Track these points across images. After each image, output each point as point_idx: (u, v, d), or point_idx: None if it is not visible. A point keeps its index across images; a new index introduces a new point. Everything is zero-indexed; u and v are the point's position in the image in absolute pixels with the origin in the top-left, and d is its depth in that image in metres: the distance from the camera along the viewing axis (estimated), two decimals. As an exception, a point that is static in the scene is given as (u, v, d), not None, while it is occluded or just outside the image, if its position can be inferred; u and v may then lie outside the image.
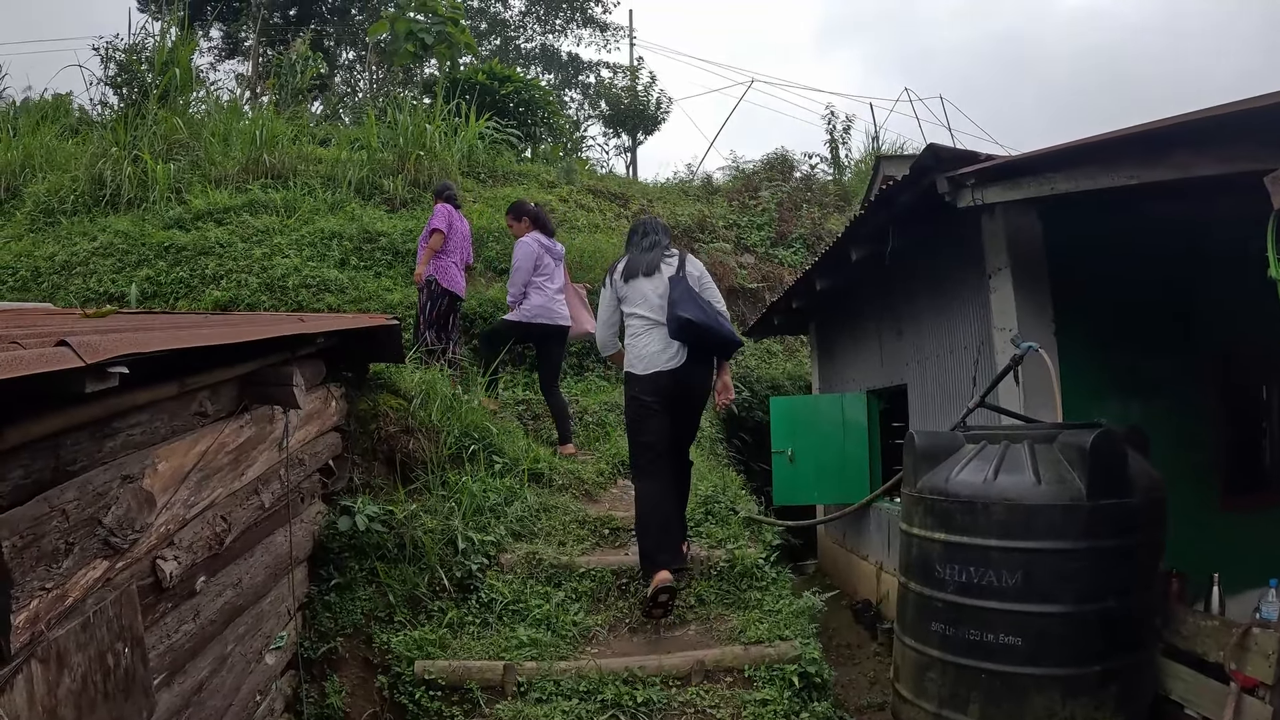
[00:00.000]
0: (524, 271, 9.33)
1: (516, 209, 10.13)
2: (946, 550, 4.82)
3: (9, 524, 2.62)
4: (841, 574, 10.88)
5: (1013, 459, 4.76)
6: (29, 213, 14.00)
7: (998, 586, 4.62)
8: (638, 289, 6.63)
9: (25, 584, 2.69)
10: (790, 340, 15.37)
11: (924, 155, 6.20)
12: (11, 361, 2.02)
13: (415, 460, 7.24)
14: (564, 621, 6.05)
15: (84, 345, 2.32)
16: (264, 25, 28.72)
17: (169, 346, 3.00)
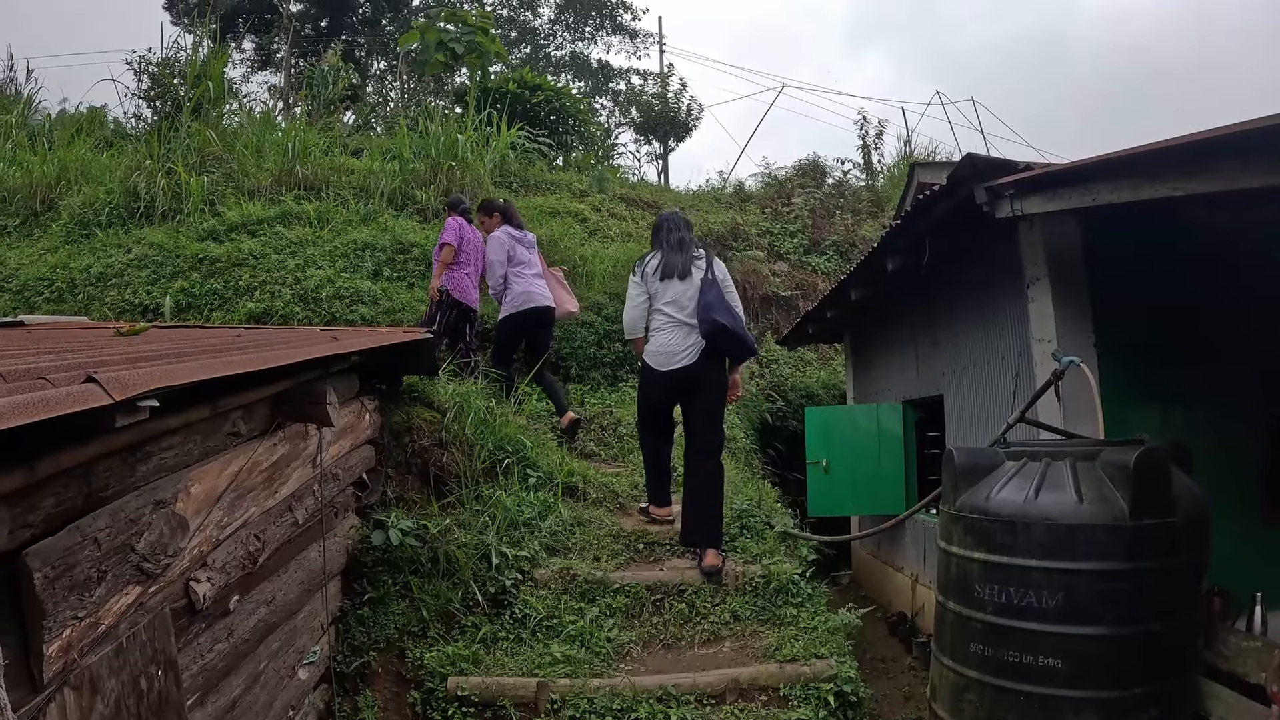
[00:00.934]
0: (499, 264, 9.66)
1: (486, 206, 10.48)
2: (986, 570, 4.74)
3: (41, 555, 2.60)
4: (875, 585, 10.81)
5: (1054, 477, 4.68)
6: (64, 225, 14.12)
7: (1038, 607, 4.53)
8: (670, 288, 7.01)
9: (58, 614, 2.67)
10: (824, 348, 15.28)
11: (961, 165, 6.14)
12: (40, 403, 2.00)
13: (449, 474, 7.23)
14: (598, 638, 6.00)
15: (112, 382, 2.30)
16: (295, 37, 28.91)
17: (198, 377, 2.97)
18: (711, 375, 7.02)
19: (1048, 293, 6.52)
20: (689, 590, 6.46)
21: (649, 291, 7.12)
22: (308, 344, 4.74)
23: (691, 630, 6.23)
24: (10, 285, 12.74)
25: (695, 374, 6.94)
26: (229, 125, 16.47)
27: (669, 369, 6.96)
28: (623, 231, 14.97)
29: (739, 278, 15.58)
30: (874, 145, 23.15)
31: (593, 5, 40.07)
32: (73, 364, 2.66)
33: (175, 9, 32.35)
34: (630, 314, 7.28)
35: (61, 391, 2.13)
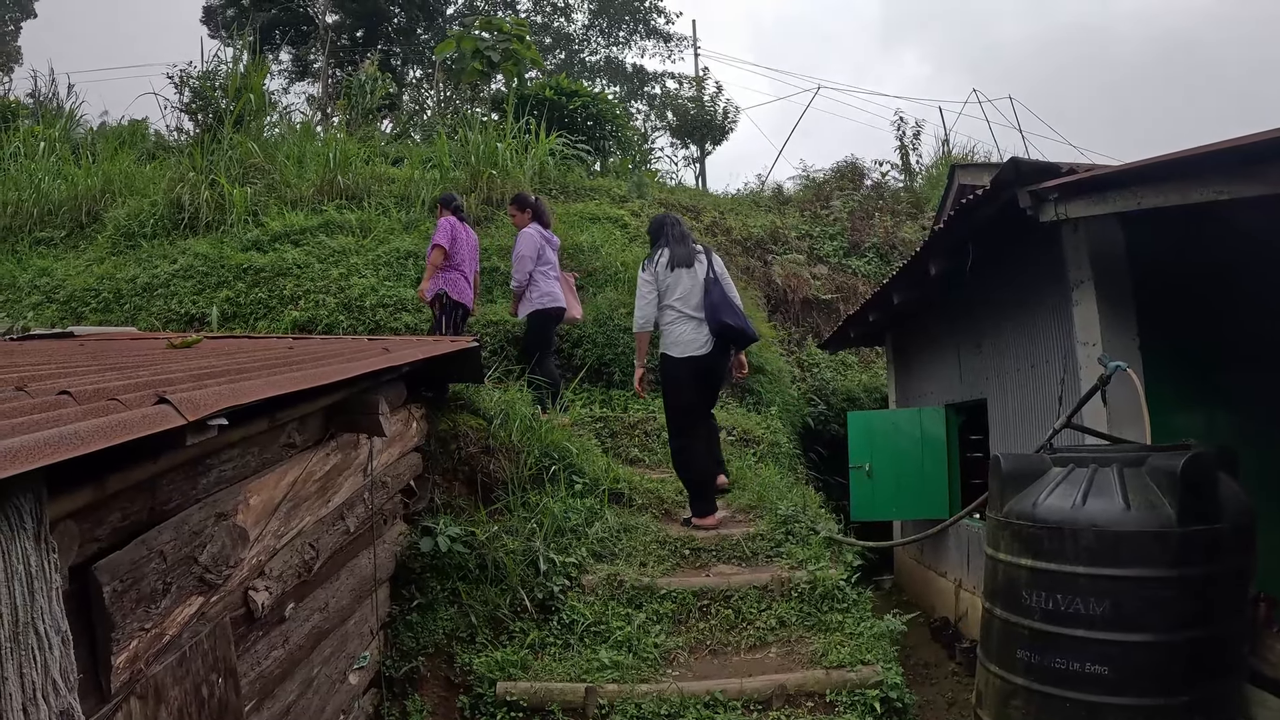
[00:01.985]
0: (529, 260, 9.80)
1: (520, 200, 10.54)
2: (1033, 577, 4.73)
3: (109, 569, 2.67)
4: (918, 590, 10.77)
5: (1101, 483, 4.67)
6: (110, 236, 14.32)
7: (1085, 614, 4.52)
8: (679, 281, 7.67)
9: (125, 626, 2.74)
10: (865, 351, 15.26)
11: (1005, 169, 6.13)
12: (117, 426, 2.06)
13: (496, 480, 7.28)
14: (645, 643, 6.02)
15: (184, 402, 2.36)
16: (332, 47, 29.15)
17: (264, 395, 3.04)
18: (722, 361, 7.86)
19: (1092, 296, 6.50)
20: (735, 596, 6.47)
21: (660, 287, 7.69)
22: (360, 356, 4.80)
23: (738, 636, 6.23)
24: (58, 296, 12.94)
25: (712, 362, 7.68)
26: (270, 136, 16.61)
27: (689, 355, 7.59)
28: (664, 237, 14.99)
29: (780, 281, 15.62)
30: (912, 146, 23.04)
31: (626, 10, 40.17)
32: (139, 382, 2.72)
33: (213, 22, 32.83)
34: (644, 309, 7.74)
35: (136, 414, 2.19)
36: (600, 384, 10.82)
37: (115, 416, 2.13)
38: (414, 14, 32.38)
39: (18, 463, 1.69)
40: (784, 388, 12.12)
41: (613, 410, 10.21)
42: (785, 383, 12.33)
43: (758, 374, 11.49)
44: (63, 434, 1.87)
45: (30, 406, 2.21)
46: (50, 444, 1.80)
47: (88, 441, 1.93)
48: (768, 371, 11.71)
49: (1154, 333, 6.40)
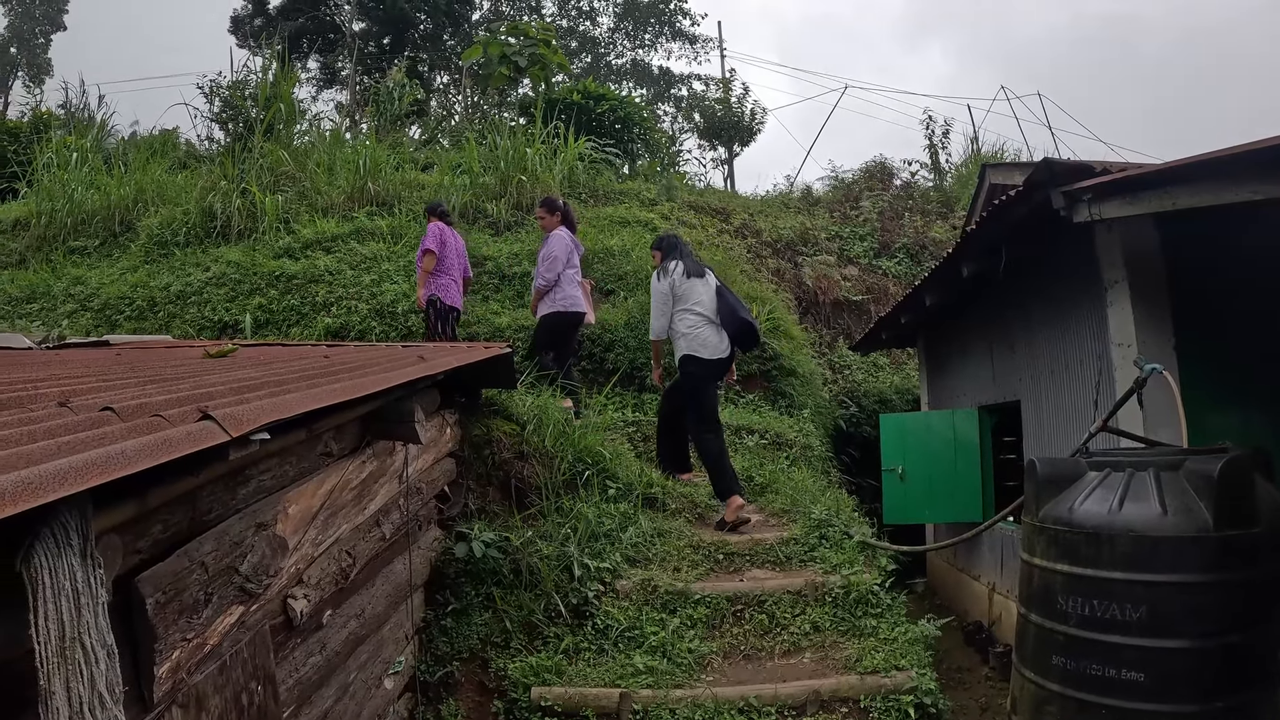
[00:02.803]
0: (559, 261, 9.82)
1: (549, 203, 10.51)
2: (1069, 582, 4.70)
3: (152, 581, 2.69)
4: (951, 593, 10.72)
5: (1138, 487, 4.64)
6: (143, 245, 14.48)
7: (1121, 620, 4.49)
8: (694, 289, 8.23)
9: (168, 637, 2.76)
10: (897, 352, 15.20)
11: (1038, 169, 6.11)
12: (162, 444, 2.08)
13: (529, 485, 7.30)
14: (679, 649, 6.02)
15: (228, 418, 2.38)
16: (359, 55, 29.32)
17: (306, 409, 3.06)
18: (732, 363, 8.60)
19: (1126, 296, 6.46)
20: (769, 601, 6.46)
21: (675, 294, 8.21)
22: (397, 365, 4.83)
23: (772, 641, 6.22)
24: (92, 304, 13.08)
25: (727, 364, 8.41)
26: (300, 144, 16.72)
27: (715, 358, 8.14)
28: (694, 240, 14.92)
29: (810, 283, 15.60)
30: (941, 144, 22.96)
31: (651, 12, 40.25)
32: (181, 397, 2.74)
33: (240, 32, 33.14)
34: (662, 318, 8.29)
35: (180, 431, 2.21)
36: (632, 388, 10.82)
37: (160, 434, 2.15)
38: (440, 20, 32.51)
39: (65, 484, 1.71)
40: (816, 390, 12.11)
41: (644, 414, 10.21)
42: (817, 385, 12.31)
43: (790, 376, 11.48)
44: (109, 454, 1.89)
45: (74, 424, 2.23)
46: (97, 464, 1.82)
47: (133, 461, 1.95)
48: (800, 374, 11.68)
49: (1189, 333, 6.36)
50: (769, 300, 12.41)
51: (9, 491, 1.61)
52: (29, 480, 1.66)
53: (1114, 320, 6.52)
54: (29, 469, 1.70)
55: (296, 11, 32.14)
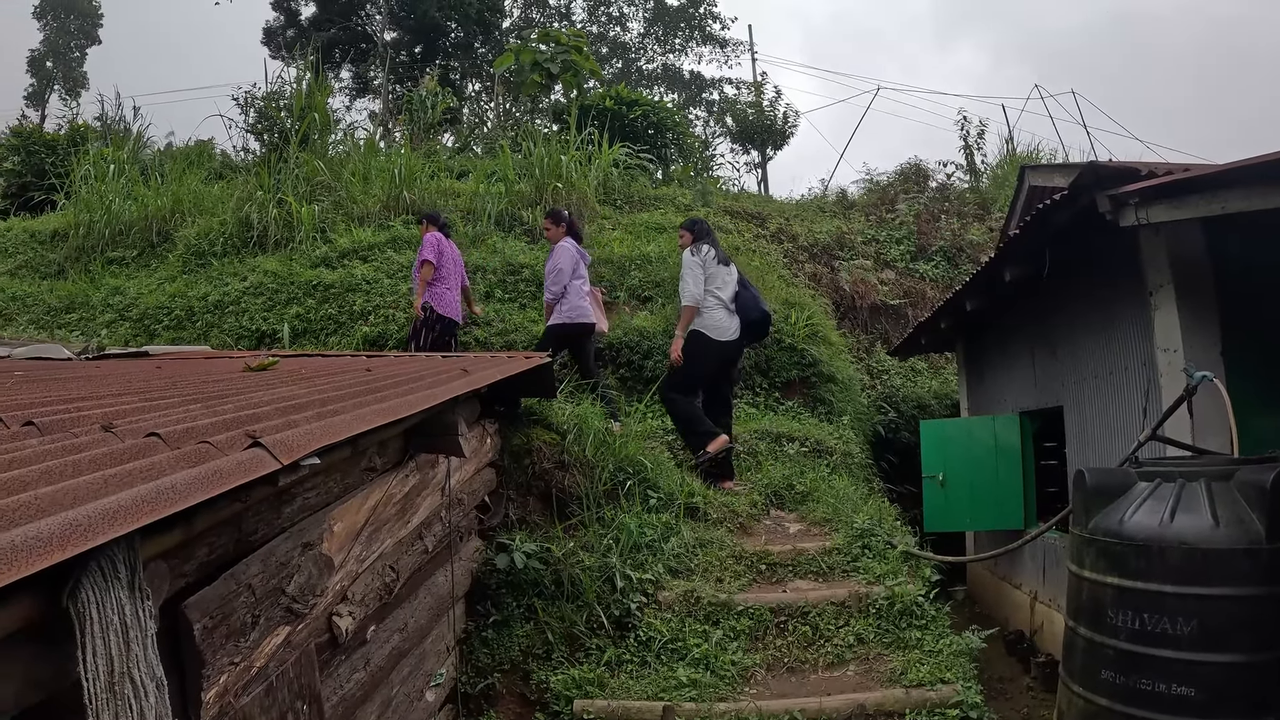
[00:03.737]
0: (565, 273, 9.87)
1: (554, 215, 10.63)
2: (1119, 595, 4.63)
3: (199, 606, 2.68)
4: (991, 601, 10.59)
5: (1189, 498, 4.56)
6: (180, 255, 14.57)
7: (1172, 634, 4.42)
8: (719, 274, 8.95)
9: (215, 662, 2.75)
10: (935, 356, 15.06)
11: (1084, 173, 6.04)
12: (213, 476, 2.06)
13: (570, 495, 7.28)
14: (723, 661, 5.98)
15: (278, 445, 2.36)
16: (391, 64, 29.49)
17: (355, 431, 3.05)
18: (742, 350, 9.38)
19: (1172, 301, 6.37)
20: (812, 612, 6.41)
21: (708, 273, 8.87)
22: (441, 379, 4.81)
23: (815, 653, 6.17)
24: (131, 314, 13.17)
25: (736, 348, 9.14)
26: (335, 154, 16.79)
27: (724, 340, 8.85)
28: (730, 245, 14.84)
29: (847, 288, 15.51)
30: (976, 145, 22.79)
31: (681, 17, 40.23)
32: (227, 419, 2.72)
33: (273, 43, 33.47)
34: (696, 286, 8.84)
35: (231, 460, 2.19)
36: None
37: (210, 465, 2.13)
38: (470, 28, 32.65)
39: (115, 524, 1.69)
40: (855, 396, 12.01)
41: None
42: (856, 391, 12.21)
43: (829, 382, 11.41)
44: (159, 488, 1.86)
45: (120, 452, 2.21)
46: (148, 501, 1.80)
47: (184, 495, 1.93)
48: (839, 380, 11.60)
49: (1237, 338, 6.26)
50: (807, 306, 12.30)
51: (56, 535, 1.59)
52: (76, 522, 1.64)
53: (1159, 325, 6.43)
54: (76, 509, 1.68)
55: (328, 22, 32.43)
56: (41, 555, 1.55)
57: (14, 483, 1.91)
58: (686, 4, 40.38)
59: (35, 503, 1.73)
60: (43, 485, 1.91)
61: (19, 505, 1.70)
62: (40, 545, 1.55)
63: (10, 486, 1.88)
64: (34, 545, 1.54)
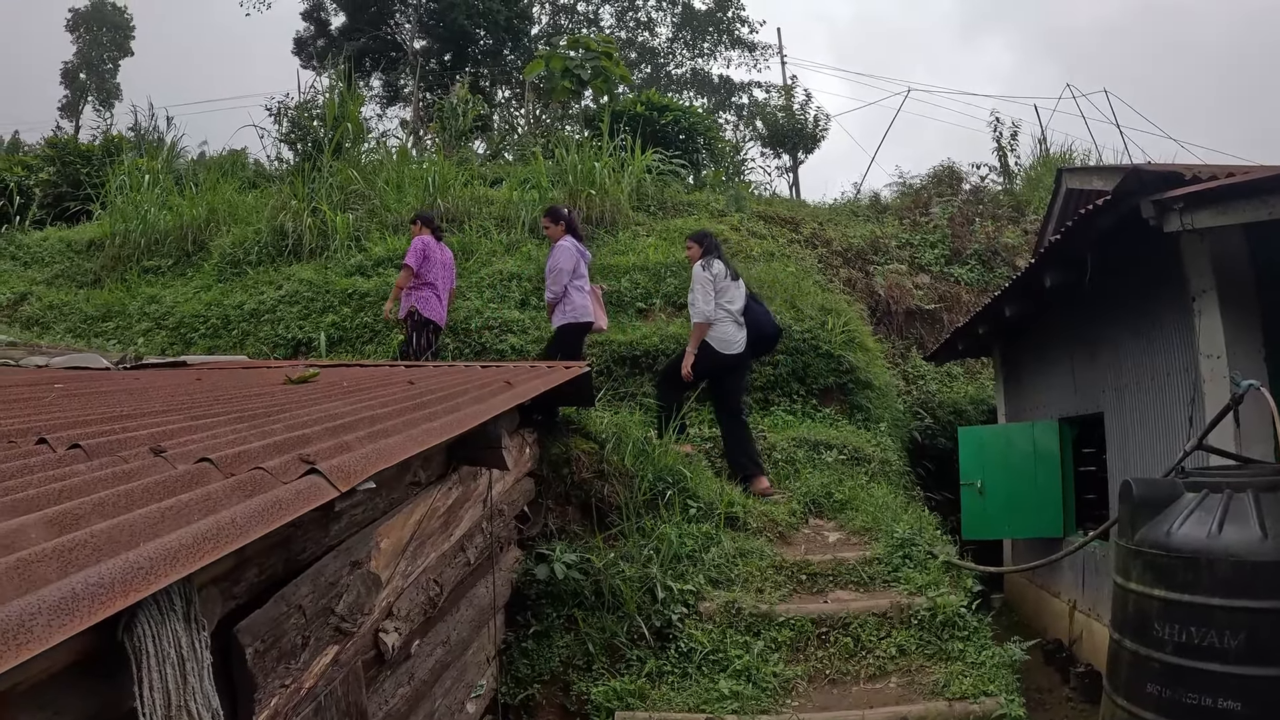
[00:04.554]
0: (566, 272, 9.93)
1: (554, 213, 10.67)
2: (1166, 608, 4.57)
3: (251, 630, 2.67)
4: (1029, 610, 10.50)
5: (1237, 510, 4.50)
6: (216, 264, 14.73)
7: (1219, 648, 4.36)
8: (729, 290, 9.06)
9: (267, 685, 2.75)
10: (970, 362, 14.96)
11: (1127, 179, 6.00)
12: (273, 507, 2.05)
13: (610, 505, 7.27)
14: (764, 673, 5.93)
15: (335, 471, 2.36)
16: (421, 72, 29.65)
17: (410, 453, 3.05)
18: (749, 362, 9.52)
19: (1215, 306, 6.32)
20: (854, 623, 6.36)
21: (719, 288, 8.94)
22: (486, 393, 4.81)
23: (857, 665, 6.13)
24: (167, 322, 13.31)
25: (743, 360, 9.23)
26: (368, 163, 16.87)
27: (729, 353, 8.97)
28: (765, 251, 14.81)
29: (882, 293, 15.44)
30: (1010, 147, 22.67)
31: (710, 21, 40.25)
32: (279, 442, 2.72)
33: (304, 53, 33.76)
34: (709, 303, 8.89)
35: (290, 490, 2.18)
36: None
37: (268, 495, 2.12)
38: (499, 36, 32.79)
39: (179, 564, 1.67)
40: (891, 402, 11.95)
41: (722, 429, 10.12)
42: (892, 397, 12.15)
43: (866, 389, 11.36)
44: (219, 524, 1.86)
45: (174, 480, 2.21)
46: (209, 538, 1.78)
47: (244, 530, 1.93)
48: (876, 387, 11.53)
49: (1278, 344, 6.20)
50: (844, 312, 12.23)
51: (118, 580, 1.58)
52: (137, 564, 1.63)
53: (1203, 330, 6.38)
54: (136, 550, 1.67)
55: (358, 32, 32.67)
56: (104, 603, 1.53)
57: (67, 517, 1.90)
58: (714, 8, 40.39)
59: (92, 541, 1.72)
60: (97, 520, 1.90)
61: (76, 545, 1.68)
62: (102, 592, 1.54)
63: (64, 522, 1.87)
64: (95, 592, 1.52)
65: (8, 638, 1.34)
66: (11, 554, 1.61)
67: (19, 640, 1.35)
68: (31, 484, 2.21)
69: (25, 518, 1.85)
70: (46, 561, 1.60)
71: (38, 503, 2.02)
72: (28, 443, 2.82)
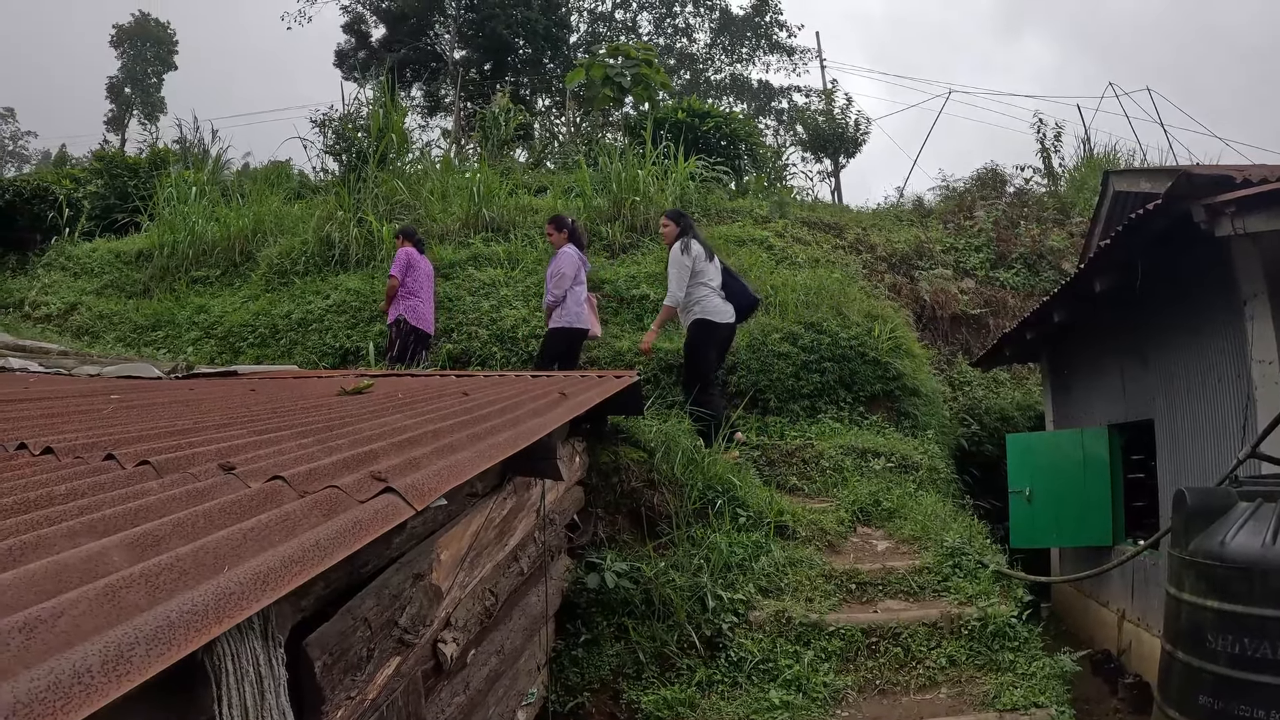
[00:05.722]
0: (568, 278, 10.22)
1: (558, 221, 11.00)
2: (1219, 619, 4.55)
3: (319, 643, 2.73)
4: (1076, 619, 10.40)
5: (1293, 519, 4.49)
6: (263, 274, 14.93)
7: (1273, 659, 4.34)
8: (708, 269, 9.57)
9: (334, 698, 2.80)
10: (1017, 367, 14.85)
11: (1177, 183, 5.97)
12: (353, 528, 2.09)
13: (659, 514, 7.30)
14: (814, 683, 5.92)
15: (411, 490, 2.40)
16: (461, 81, 29.87)
17: (481, 469, 3.11)
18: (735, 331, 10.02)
19: (1267, 310, 6.28)
20: (904, 633, 6.35)
21: (695, 270, 9.42)
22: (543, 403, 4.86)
23: (907, 675, 6.11)
24: (216, 331, 13.50)
25: (733, 330, 9.86)
26: (412, 173, 17.01)
27: (724, 323, 9.51)
28: (810, 257, 14.79)
29: (928, 298, 15.36)
30: (1054, 148, 22.49)
31: (748, 26, 40.24)
32: (347, 458, 2.76)
33: (345, 65, 34.15)
34: (680, 289, 9.41)
35: (368, 510, 2.23)
36: (756, 410, 10.76)
37: (348, 515, 2.16)
38: (539, 45, 33.04)
39: (269, 589, 1.69)
40: (938, 409, 11.88)
41: (769, 438, 10.18)
42: (939, 404, 12.08)
43: (913, 396, 11.34)
44: (304, 546, 1.89)
45: (249, 499, 2.24)
46: (295, 561, 1.81)
47: (330, 552, 1.96)
48: (922, 394, 11.47)
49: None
50: (890, 318, 12.15)
51: (211, 607, 1.59)
52: (228, 590, 1.65)
53: (1255, 336, 6.33)
54: (226, 574, 1.70)
55: (398, 43, 33.03)
56: (199, 630, 1.54)
57: (147, 539, 1.91)
58: (752, 13, 40.39)
59: (178, 565, 1.72)
60: (178, 542, 1.92)
61: (162, 569, 1.69)
62: (196, 619, 1.54)
63: (145, 544, 1.87)
64: (190, 620, 1.53)
65: (108, 669, 1.34)
66: (98, 579, 1.61)
67: (119, 671, 1.36)
68: (105, 503, 2.23)
69: (106, 540, 1.85)
70: (134, 587, 1.60)
71: (116, 524, 2.03)
72: (95, 458, 2.85)
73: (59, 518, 2.05)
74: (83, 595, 1.51)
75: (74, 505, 2.18)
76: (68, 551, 1.76)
